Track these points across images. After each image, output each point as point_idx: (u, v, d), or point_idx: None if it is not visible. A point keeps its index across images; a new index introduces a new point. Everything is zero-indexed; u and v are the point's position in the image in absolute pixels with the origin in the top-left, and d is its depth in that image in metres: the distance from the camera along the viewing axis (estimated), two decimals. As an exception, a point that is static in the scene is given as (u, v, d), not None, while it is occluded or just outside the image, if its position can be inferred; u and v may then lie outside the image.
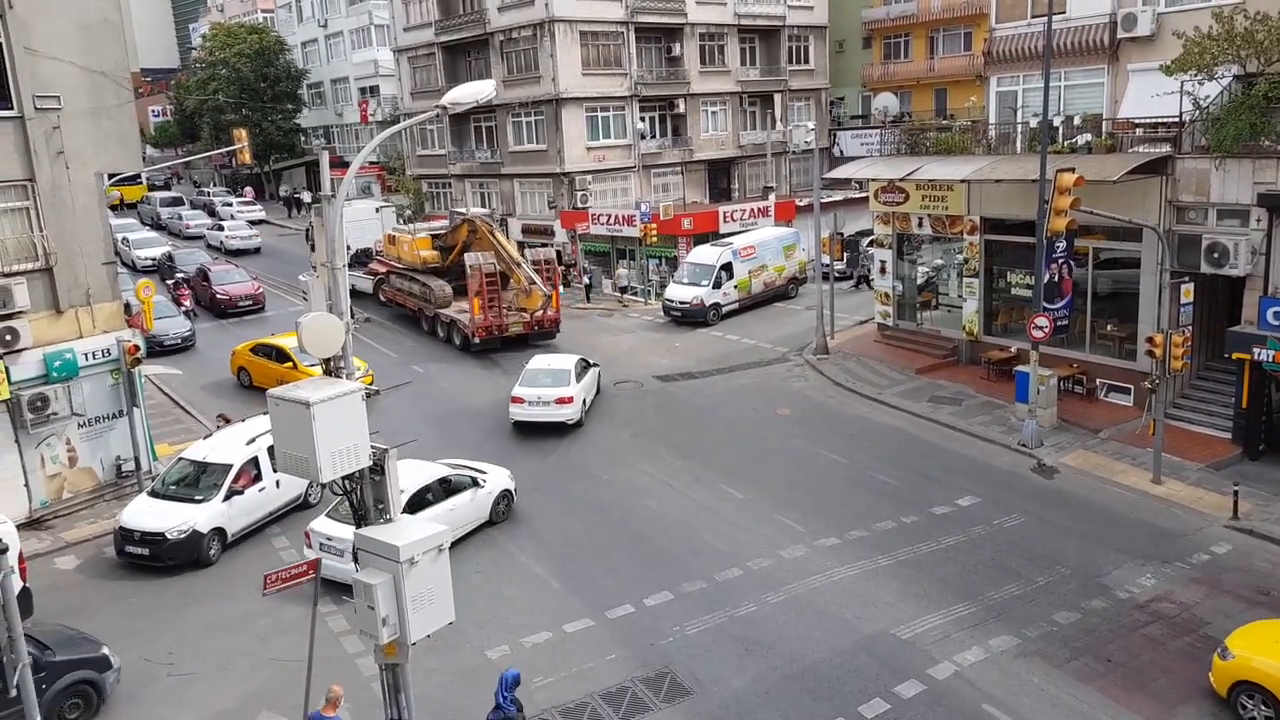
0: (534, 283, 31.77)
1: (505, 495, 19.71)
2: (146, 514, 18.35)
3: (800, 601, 16.02)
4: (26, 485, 19.97)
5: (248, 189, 72.25)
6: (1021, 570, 16.90)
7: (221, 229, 55.06)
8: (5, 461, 19.62)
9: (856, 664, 14.34)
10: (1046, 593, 16.18)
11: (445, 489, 18.46)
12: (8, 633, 9.71)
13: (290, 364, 27.06)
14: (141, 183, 69.01)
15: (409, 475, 17.27)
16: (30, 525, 19.63)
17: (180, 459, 19.98)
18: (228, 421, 21.97)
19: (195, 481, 19.08)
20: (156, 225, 61.35)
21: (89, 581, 17.96)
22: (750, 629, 15.36)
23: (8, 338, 19.02)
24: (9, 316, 19.05)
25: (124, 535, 18.21)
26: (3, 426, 19.53)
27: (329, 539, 16.64)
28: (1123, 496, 19.81)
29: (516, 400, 24.40)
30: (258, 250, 53.07)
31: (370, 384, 27.29)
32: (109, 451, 21.30)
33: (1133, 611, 15.60)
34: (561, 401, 24.13)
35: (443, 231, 36.75)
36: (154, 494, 19.12)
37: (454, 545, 9.89)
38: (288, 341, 27.65)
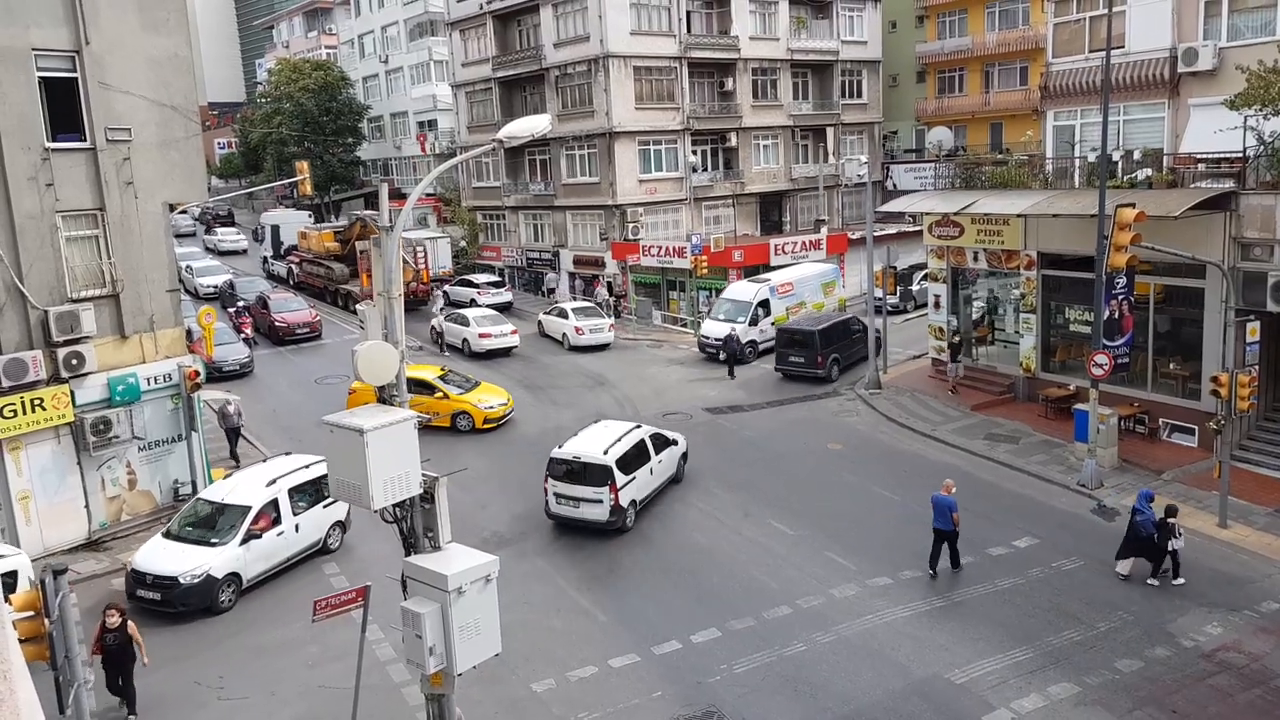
0: (407, 262, 40.57)
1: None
2: (160, 556, 17.42)
3: (851, 642, 15.71)
4: (87, 507, 20.40)
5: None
6: (1082, 615, 16.41)
7: (215, 237, 66.89)
8: (67, 483, 20.07)
9: (909, 708, 13.98)
10: (1108, 639, 15.68)
11: None
12: (65, 653, 9.85)
13: (440, 394, 26.76)
14: None
15: None
16: (89, 546, 20.06)
17: (198, 499, 19.25)
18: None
19: (212, 523, 18.17)
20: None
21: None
22: (800, 669, 15.08)
23: (74, 362, 19.51)
24: (76, 341, 19.53)
25: (136, 578, 17.17)
26: (66, 449, 20.02)
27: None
28: (1187, 541, 19.14)
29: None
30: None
31: (510, 410, 27.67)
32: (167, 475, 21.71)
33: (1198, 661, 15.04)
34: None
35: (343, 228, 48.31)
36: (169, 535, 18.13)
37: (501, 576, 9.84)
38: (425, 373, 27.43)
